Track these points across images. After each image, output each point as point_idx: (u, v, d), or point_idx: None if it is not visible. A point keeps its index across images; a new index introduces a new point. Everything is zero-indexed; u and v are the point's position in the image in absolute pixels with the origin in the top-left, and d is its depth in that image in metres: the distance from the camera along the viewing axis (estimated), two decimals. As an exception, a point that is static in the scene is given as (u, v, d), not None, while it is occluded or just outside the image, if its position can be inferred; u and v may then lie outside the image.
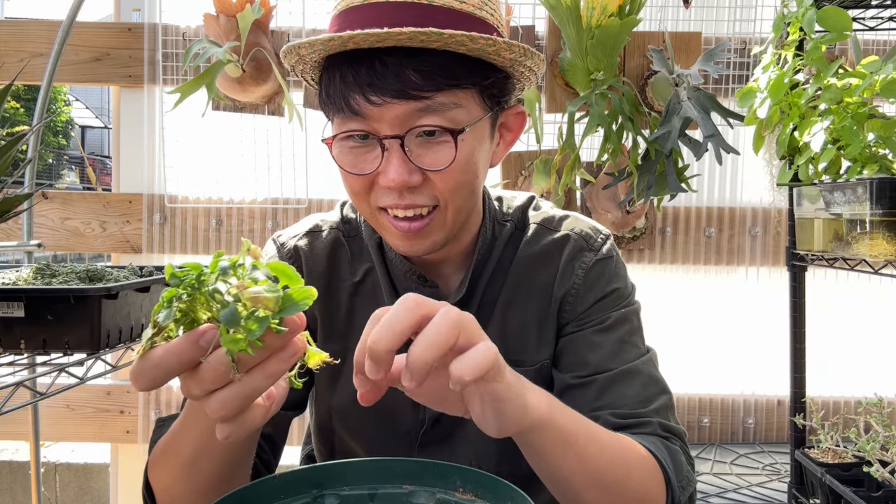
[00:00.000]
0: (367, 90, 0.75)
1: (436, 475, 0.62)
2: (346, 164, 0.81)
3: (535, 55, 0.81)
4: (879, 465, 1.13)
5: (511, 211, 0.99)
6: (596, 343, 0.89)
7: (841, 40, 1.13)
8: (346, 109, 0.77)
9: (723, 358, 2.16)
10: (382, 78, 0.74)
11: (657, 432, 0.83)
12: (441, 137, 0.78)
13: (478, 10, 0.78)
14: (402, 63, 0.74)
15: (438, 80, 0.75)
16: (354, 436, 0.96)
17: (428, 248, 0.84)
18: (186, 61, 1.76)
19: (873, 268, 1.14)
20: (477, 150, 0.82)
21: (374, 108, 0.76)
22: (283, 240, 0.99)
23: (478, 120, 0.80)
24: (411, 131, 0.77)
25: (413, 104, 0.75)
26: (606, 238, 0.96)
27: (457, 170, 0.79)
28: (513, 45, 0.77)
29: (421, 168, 0.78)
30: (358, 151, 0.81)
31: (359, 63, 0.76)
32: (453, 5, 0.77)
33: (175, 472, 0.74)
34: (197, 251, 2.16)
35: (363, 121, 0.77)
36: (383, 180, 0.78)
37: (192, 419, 0.71)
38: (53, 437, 2.41)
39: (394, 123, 0.76)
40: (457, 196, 0.81)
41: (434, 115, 0.76)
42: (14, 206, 0.96)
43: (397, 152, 0.77)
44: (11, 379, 0.96)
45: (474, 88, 0.79)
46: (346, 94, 0.77)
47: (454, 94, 0.77)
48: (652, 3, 2.02)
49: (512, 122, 0.90)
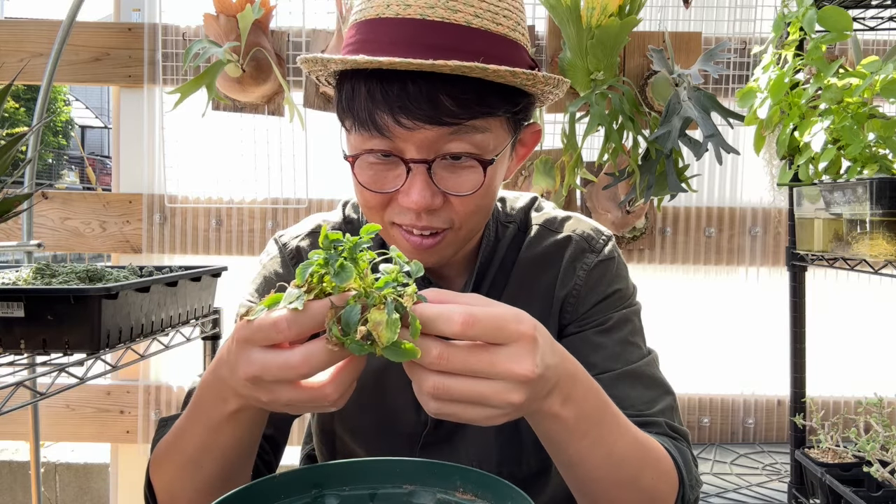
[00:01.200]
0: (398, 112, 0.72)
1: (436, 475, 0.62)
2: (366, 181, 0.78)
3: (564, 83, 0.80)
4: (879, 465, 1.13)
5: (514, 212, 0.99)
6: (598, 344, 0.89)
7: (841, 40, 1.13)
8: (370, 126, 0.74)
9: (723, 358, 2.16)
10: (415, 101, 0.71)
11: (665, 433, 0.83)
12: (467, 162, 0.76)
13: (512, 32, 0.76)
14: (436, 88, 0.71)
15: (473, 109, 0.73)
16: (356, 437, 0.96)
17: (436, 263, 0.84)
18: (186, 61, 1.76)
19: (873, 268, 1.14)
20: (499, 173, 0.82)
21: (403, 131, 0.73)
22: (286, 240, 0.99)
23: (505, 146, 0.79)
24: (439, 156, 0.75)
25: (444, 129, 0.73)
26: (608, 239, 0.96)
27: (479, 195, 0.78)
28: (549, 78, 0.76)
29: (445, 192, 0.77)
30: (379, 168, 0.78)
31: (389, 81, 0.72)
32: (490, 28, 0.74)
33: (176, 471, 0.74)
34: (197, 251, 2.16)
35: (388, 141, 0.74)
36: (404, 200, 0.76)
37: (195, 418, 0.71)
38: (53, 437, 2.41)
39: (421, 147, 0.74)
40: (472, 219, 0.81)
41: (463, 140, 0.74)
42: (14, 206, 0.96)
43: (422, 175, 0.75)
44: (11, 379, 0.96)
45: (504, 115, 0.78)
46: (372, 111, 0.73)
47: (485, 121, 0.75)
48: (652, 3, 2.02)
49: (527, 138, 0.90)
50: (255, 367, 0.57)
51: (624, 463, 0.70)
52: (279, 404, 0.60)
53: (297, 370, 0.55)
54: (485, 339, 0.56)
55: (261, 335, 0.56)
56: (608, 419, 0.69)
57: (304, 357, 0.55)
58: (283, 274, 0.96)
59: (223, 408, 0.66)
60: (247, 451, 0.73)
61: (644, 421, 0.83)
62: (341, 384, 0.58)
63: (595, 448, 0.68)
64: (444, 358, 0.55)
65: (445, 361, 0.55)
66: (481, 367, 0.56)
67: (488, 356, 0.56)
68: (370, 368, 0.75)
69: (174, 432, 0.75)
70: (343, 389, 0.59)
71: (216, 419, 0.67)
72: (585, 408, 0.66)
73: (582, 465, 0.70)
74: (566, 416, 0.64)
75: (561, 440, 0.67)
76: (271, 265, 0.98)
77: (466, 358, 0.56)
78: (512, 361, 0.56)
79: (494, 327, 0.56)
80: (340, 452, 0.98)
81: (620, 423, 0.71)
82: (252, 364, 0.57)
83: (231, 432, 0.68)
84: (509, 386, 0.57)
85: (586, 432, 0.67)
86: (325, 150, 2.10)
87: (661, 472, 0.76)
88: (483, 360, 0.56)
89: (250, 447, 0.74)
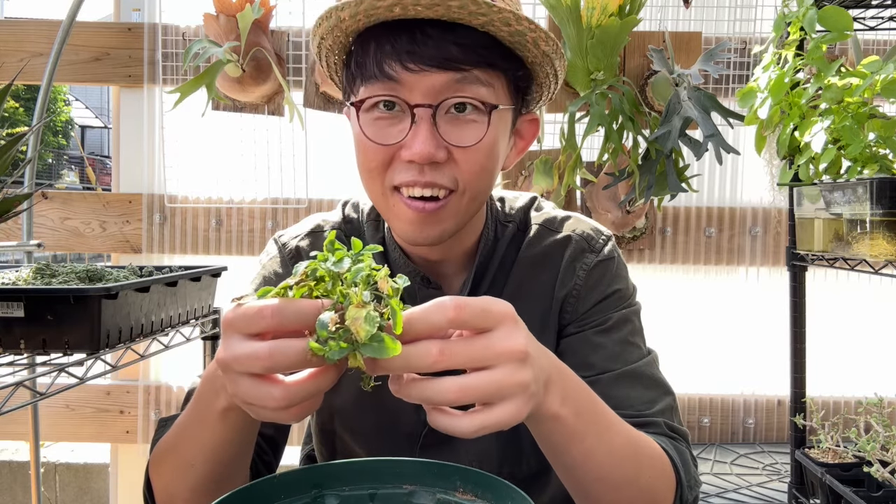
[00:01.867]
0: (406, 57, 0.74)
1: (436, 475, 0.62)
2: (370, 134, 0.78)
3: (563, 57, 0.81)
4: (879, 465, 1.13)
5: (513, 212, 0.99)
6: (598, 344, 0.89)
7: (841, 40, 1.13)
8: (378, 75, 0.76)
9: (723, 358, 2.16)
10: (423, 46, 0.74)
11: (664, 433, 0.83)
12: (471, 115, 0.77)
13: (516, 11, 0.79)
14: (444, 36, 0.74)
15: (477, 56, 0.75)
16: (356, 437, 0.96)
17: (437, 237, 0.82)
18: (186, 61, 1.75)
19: (873, 268, 1.14)
20: (501, 138, 0.82)
21: (410, 76, 0.74)
22: (285, 240, 0.99)
23: (507, 107, 0.80)
24: (444, 103, 0.76)
25: (450, 74, 0.75)
26: (608, 239, 0.96)
27: (482, 151, 0.78)
28: (550, 36, 0.77)
29: (448, 144, 0.77)
30: (382, 123, 0.78)
31: (398, 33, 0.74)
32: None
33: (173, 472, 0.74)
34: (197, 251, 2.16)
35: (395, 87, 0.76)
36: (406, 153, 0.76)
37: (192, 415, 0.71)
38: (53, 437, 2.41)
39: (428, 92, 0.75)
40: (476, 181, 0.80)
41: (469, 87, 0.76)
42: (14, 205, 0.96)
43: (427, 122, 0.75)
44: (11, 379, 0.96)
45: (506, 75, 0.79)
46: (381, 61, 0.75)
47: (488, 74, 0.77)
48: (652, 2, 2.02)
49: (525, 128, 0.90)
50: (227, 353, 0.56)
51: (622, 463, 0.70)
52: (239, 398, 0.57)
53: (261, 361, 0.53)
54: (474, 323, 0.56)
55: (243, 321, 0.55)
56: (603, 415, 0.70)
57: (270, 349, 0.53)
58: (283, 274, 0.96)
59: (215, 403, 0.66)
60: (239, 453, 0.73)
61: (643, 421, 0.82)
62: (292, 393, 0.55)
63: (593, 449, 0.68)
64: (446, 353, 0.54)
65: (449, 355, 0.54)
66: (482, 352, 0.56)
67: (484, 340, 0.56)
68: None
69: (172, 431, 0.75)
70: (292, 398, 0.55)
71: (209, 416, 0.67)
72: (581, 403, 0.67)
73: (581, 468, 0.69)
74: (566, 415, 0.64)
75: (561, 442, 0.67)
76: (271, 265, 0.98)
77: (466, 347, 0.55)
78: (505, 340, 0.57)
79: (481, 309, 0.56)
80: (340, 452, 0.98)
81: (615, 421, 0.71)
82: (227, 349, 0.56)
83: (222, 432, 0.68)
84: (513, 366, 0.57)
85: (585, 431, 0.67)
86: (325, 150, 2.10)
87: (658, 472, 0.75)
88: (481, 345, 0.56)
89: (243, 449, 0.73)
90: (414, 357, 0.54)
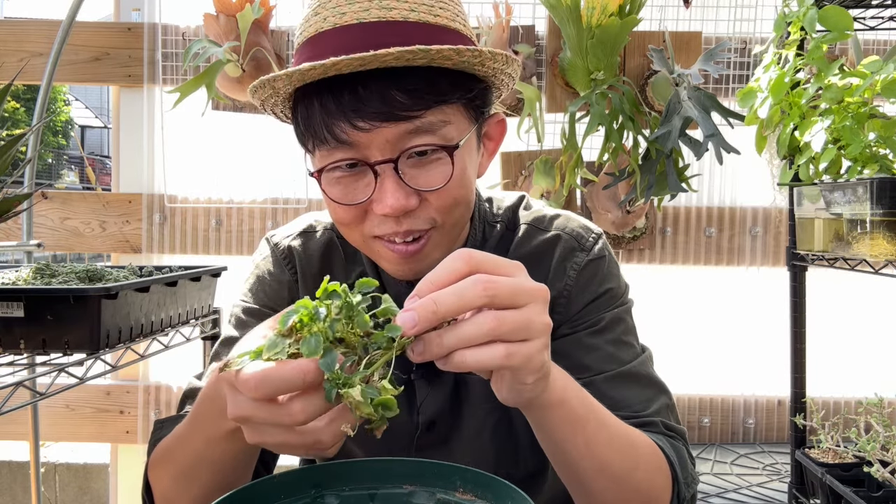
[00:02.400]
0: (353, 116, 0.72)
1: (436, 475, 0.62)
2: (336, 196, 0.78)
3: (515, 61, 0.79)
4: (880, 466, 1.13)
5: (500, 212, 0.97)
6: (591, 345, 0.88)
7: (842, 40, 1.13)
8: (330, 140, 0.74)
9: (723, 358, 2.16)
10: (368, 102, 0.71)
11: (661, 432, 0.83)
12: (434, 156, 0.76)
13: (451, 23, 0.76)
14: (386, 85, 0.71)
15: (426, 99, 0.73)
16: (354, 438, 0.96)
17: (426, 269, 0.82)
18: (186, 61, 1.75)
19: (874, 268, 1.14)
20: (469, 163, 0.80)
21: (362, 135, 0.73)
22: (277, 239, 0.99)
23: (467, 134, 0.78)
24: (404, 153, 0.74)
25: (403, 125, 0.73)
26: (598, 237, 0.94)
27: (453, 187, 0.77)
28: (496, 54, 0.75)
29: (417, 190, 0.76)
30: (347, 181, 0.77)
31: (339, 90, 0.72)
32: (428, 20, 0.74)
33: (173, 479, 0.74)
34: (197, 251, 2.16)
35: (351, 149, 0.74)
36: (379, 208, 0.75)
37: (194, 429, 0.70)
38: (53, 437, 2.41)
39: (384, 148, 0.73)
40: (453, 213, 0.79)
41: (425, 134, 0.74)
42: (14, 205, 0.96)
43: (392, 177, 0.74)
44: (11, 379, 0.96)
45: (460, 102, 0.77)
46: (328, 123, 0.73)
47: (442, 112, 0.75)
48: (652, 2, 2.02)
49: (493, 130, 0.89)
50: (243, 410, 0.56)
51: (618, 459, 0.71)
52: (268, 445, 0.59)
53: (293, 418, 0.54)
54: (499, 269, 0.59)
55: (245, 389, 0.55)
56: (601, 415, 0.71)
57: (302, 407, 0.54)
58: (276, 273, 0.96)
59: (221, 424, 0.65)
60: (244, 464, 0.73)
61: (641, 421, 0.82)
62: (337, 431, 0.57)
63: (589, 444, 0.69)
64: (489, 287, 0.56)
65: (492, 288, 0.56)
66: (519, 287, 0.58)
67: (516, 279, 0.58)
68: None
69: (173, 439, 0.75)
70: (339, 437, 0.58)
71: (214, 434, 0.67)
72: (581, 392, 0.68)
73: (577, 462, 0.70)
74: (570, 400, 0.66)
75: (567, 429, 0.68)
76: (264, 265, 0.98)
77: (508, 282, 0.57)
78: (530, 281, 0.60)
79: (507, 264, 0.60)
80: (340, 453, 0.98)
81: (612, 420, 0.73)
82: (240, 407, 0.56)
83: (228, 447, 0.68)
84: (539, 307, 0.59)
85: (587, 418, 0.68)
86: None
87: (654, 469, 0.76)
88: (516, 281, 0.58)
89: (247, 460, 0.73)
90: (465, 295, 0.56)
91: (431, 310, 0.55)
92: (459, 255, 0.58)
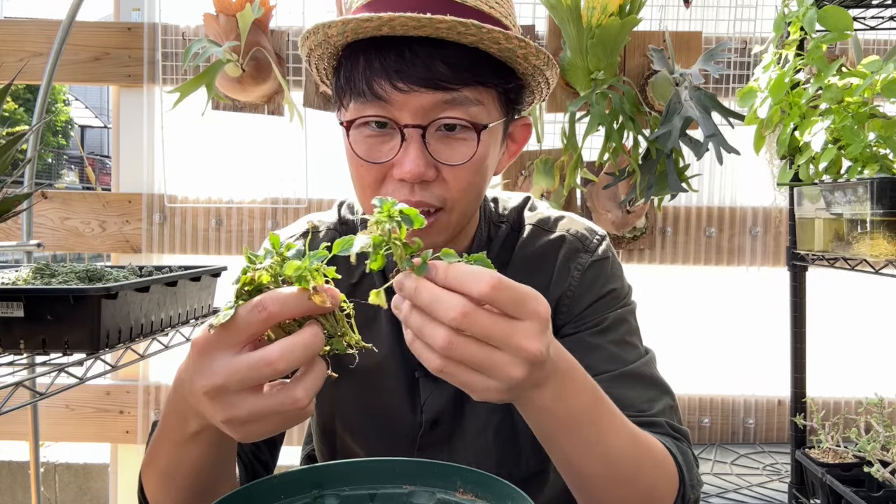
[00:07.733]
0: (395, 76, 0.74)
1: (436, 475, 0.62)
2: (361, 152, 0.79)
3: (555, 66, 0.81)
4: (880, 466, 1.13)
5: (506, 212, 0.98)
6: (594, 345, 0.89)
7: (842, 40, 1.12)
8: (367, 94, 0.76)
9: (723, 358, 2.16)
10: (412, 65, 0.74)
11: (667, 433, 0.83)
12: (461, 134, 0.78)
13: (503, 18, 0.79)
14: (432, 53, 0.74)
15: (466, 75, 0.75)
16: (355, 437, 0.96)
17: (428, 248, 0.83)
18: (186, 61, 1.75)
19: (874, 268, 1.14)
20: (491, 152, 0.82)
21: (399, 95, 0.75)
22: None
23: (497, 122, 0.80)
24: (433, 123, 0.76)
25: (439, 95, 0.75)
26: (602, 239, 0.96)
27: (471, 169, 0.79)
28: (540, 50, 0.77)
29: (438, 162, 0.77)
30: (373, 140, 0.79)
31: (387, 50, 0.75)
32: (483, 8, 0.77)
33: (157, 482, 0.74)
34: (197, 251, 2.16)
35: (385, 107, 0.76)
36: (398, 172, 0.77)
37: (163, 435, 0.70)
38: (53, 437, 2.41)
39: (417, 113, 0.75)
40: (465, 198, 0.81)
41: (458, 108, 0.76)
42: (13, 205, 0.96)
43: (417, 142, 0.76)
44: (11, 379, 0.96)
45: (496, 90, 0.79)
46: (370, 78, 0.75)
47: (478, 92, 0.77)
48: (652, 2, 2.02)
49: (518, 133, 0.90)
50: (218, 377, 0.54)
51: (620, 462, 0.70)
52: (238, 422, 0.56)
53: (273, 366, 0.53)
54: (505, 307, 0.55)
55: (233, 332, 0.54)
56: (604, 417, 0.69)
57: (281, 351, 0.53)
58: None
59: (185, 428, 0.64)
60: (219, 467, 0.72)
61: (645, 422, 0.82)
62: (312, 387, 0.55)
63: (590, 446, 0.68)
64: (468, 316, 0.54)
65: (469, 321, 0.54)
66: (499, 335, 0.55)
67: (507, 326, 0.55)
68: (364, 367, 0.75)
69: (151, 443, 0.75)
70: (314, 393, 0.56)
71: (180, 439, 0.66)
72: (577, 406, 0.66)
73: (577, 463, 0.70)
74: (557, 411, 0.64)
75: (553, 434, 0.67)
76: None
77: (489, 322, 0.55)
78: (526, 337, 0.56)
79: (518, 298, 0.56)
80: (340, 452, 0.98)
81: (617, 422, 0.71)
82: (215, 374, 0.54)
83: (196, 452, 0.67)
84: (515, 360, 0.56)
85: (579, 430, 0.67)
86: (325, 150, 2.10)
87: (660, 472, 0.75)
88: (502, 329, 0.55)
89: (221, 463, 0.72)
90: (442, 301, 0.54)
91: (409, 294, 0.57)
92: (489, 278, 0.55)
